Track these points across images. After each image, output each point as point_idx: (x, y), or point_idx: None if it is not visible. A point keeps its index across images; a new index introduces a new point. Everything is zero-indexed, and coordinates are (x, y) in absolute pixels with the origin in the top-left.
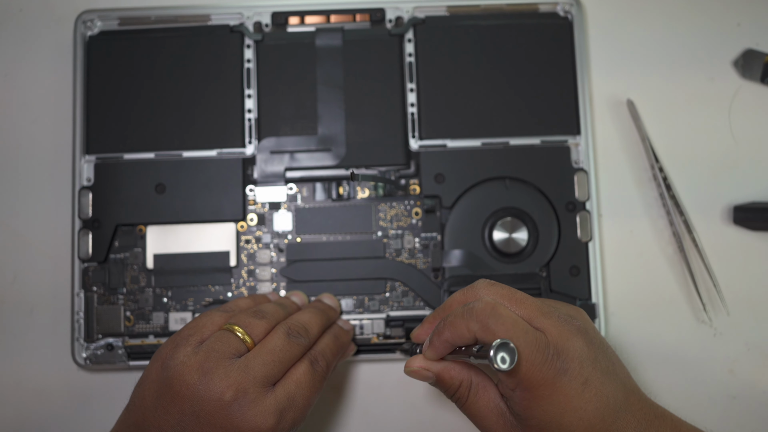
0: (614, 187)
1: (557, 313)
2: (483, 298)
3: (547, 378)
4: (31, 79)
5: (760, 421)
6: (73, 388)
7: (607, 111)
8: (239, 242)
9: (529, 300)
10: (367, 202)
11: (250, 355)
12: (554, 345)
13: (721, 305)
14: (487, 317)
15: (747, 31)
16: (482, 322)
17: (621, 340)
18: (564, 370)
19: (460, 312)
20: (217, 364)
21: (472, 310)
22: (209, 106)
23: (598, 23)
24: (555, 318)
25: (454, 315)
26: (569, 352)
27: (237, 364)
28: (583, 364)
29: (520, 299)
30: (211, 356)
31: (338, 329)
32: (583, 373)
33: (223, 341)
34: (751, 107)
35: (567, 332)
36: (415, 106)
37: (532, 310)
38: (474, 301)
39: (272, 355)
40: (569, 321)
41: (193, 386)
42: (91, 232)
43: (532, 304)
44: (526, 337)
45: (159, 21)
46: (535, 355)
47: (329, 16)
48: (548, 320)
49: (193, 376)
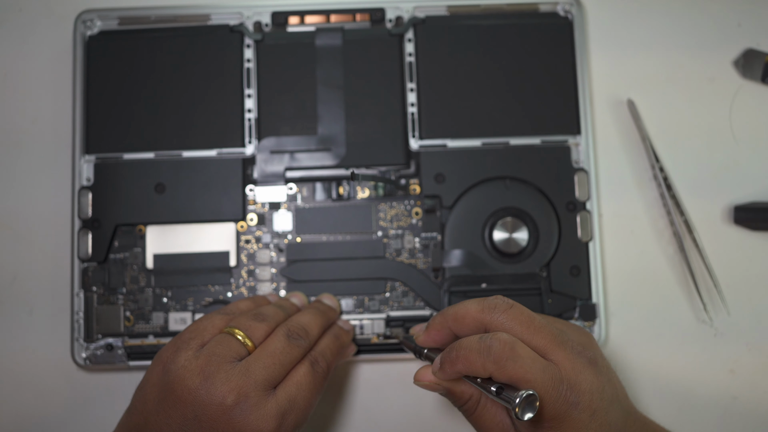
0: (614, 187)
1: (571, 344)
2: (500, 336)
3: (559, 412)
4: (31, 79)
5: (760, 421)
6: (73, 389)
7: (608, 111)
8: (239, 242)
9: (546, 329)
10: (367, 202)
11: (251, 358)
12: (567, 379)
13: (721, 305)
14: (506, 360)
15: (747, 30)
16: (500, 364)
17: (621, 340)
18: (575, 404)
19: (476, 347)
20: (218, 368)
21: (489, 349)
22: (209, 106)
23: (598, 23)
24: (569, 350)
25: (469, 349)
26: (581, 386)
27: (238, 368)
28: (592, 397)
29: (538, 327)
30: (212, 360)
31: (338, 330)
32: (592, 405)
33: (223, 345)
34: (751, 107)
35: (580, 365)
36: (415, 105)
37: (548, 341)
38: (491, 337)
39: (273, 358)
40: (581, 352)
41: (195, 391)
42: (91, 232)
43: (548, 334)
44: (543, 376)
45: (159, 21)
46: (550, 392)
47: (329, 16)
48: (563, 352)
49: (195, 381)
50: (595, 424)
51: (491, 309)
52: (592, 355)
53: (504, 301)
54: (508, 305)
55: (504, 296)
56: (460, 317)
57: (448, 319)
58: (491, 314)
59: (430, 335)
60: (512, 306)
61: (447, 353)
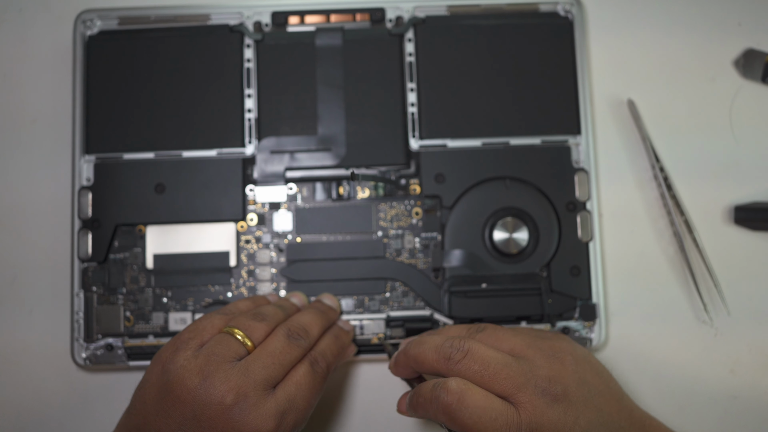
0: (615, 187)
1: (534, 382)
2: (449, 386)
3: None
4: (31, 79)
5: (761, 421)
6: (73, 389)
7: (608, 111)
8: (239, 242)
9: (503, 373)
10: (367, 202)
11: (250, 358)
12: (528, 423)
13: (722, 305)
14: (454, 411)
15: (748, 30)
16: (449, 415)
17: (622, 340)
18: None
19: (428, 397)
20: (217, 367)
21: (437, 399)
22: (209, 106)
23: (598, 23)
24: (531, 391)
25: (424, 398)
26: (544, 427)
27: (237, 368)
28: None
29: (494, 374)
30: (212, 360)
31: (338, 330)
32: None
33: (223, 344)
34: (752, 107)
35: (543, 405)
36: (415, 105)
37: (507, 385)
38: (441, 386)
39: (272, 358)
40: (546, 390)
41: (194, 390)
42: (91, 232)
43: (506, 378)
44: (494, 425)
45: (159, 20)
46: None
47: (329, 16)
48: (524, 395)
49: (194, 380)
50: None
51: (446, 359)
52: (561, 388)
53: (458, 350)
54: (462, 354)
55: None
56: (419, 362)
57: (409, 360)
58: (447, 364)
59: (397, 369)
60: (466, 354)
61: (410, 397)
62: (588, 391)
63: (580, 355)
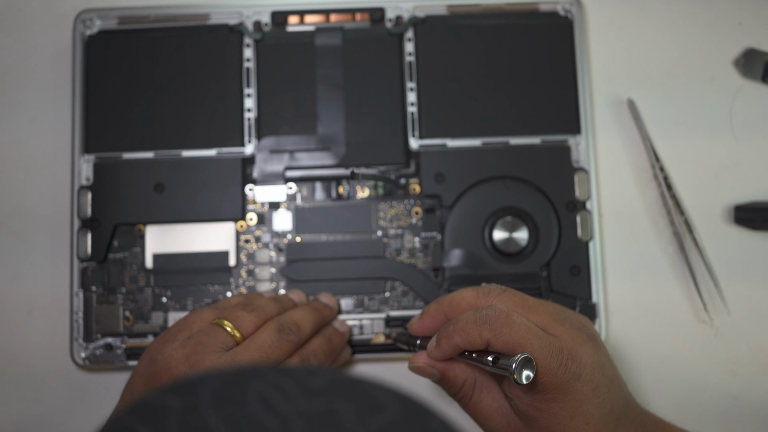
0: (615, 187)
1: (569, 321)
2: (496, 306)
3: (561, 381)
4: (30, 79)
5: (761, 421)
6: (72, 388)
7: (608, 110)
8: (239, 242)
9: (542, 307)
10: (366, 201)
11: (238, 349)
12: (568, 350)
13: (722, 305)
14: (501, 326)
15: (748, 30)
16: (496, 331)
17: (622, 340)
18: (577, 375)
19: (472, 318)
20: (204, 357)
21: (485, 317)
22: (208, 106)
23: (598, 22)
24: (568, 325)
25: (465, 321)
26: (582, 358)
27: (224, 358)
28: (594, 371)
29: (533, 306)
30: (198, 349)
31: (332, 331)
32: (594, 380)
33: (210, 335)
34: (752, 107)
35: (580, 339)
36: (415, 105)
37: (545, 317)
38: (486, 308)
39: (260, 351)
40: (581, 328)
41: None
42: (90, 231)
43: (545, 311)
44: (540, 343)
45: (158, 20)
46: (550, 360)
47: (329, 16)
48: (561, 327)
49: (180, 369)
50: (597, 399)
51: (485, 294)
52: (592, 332)
53: (497, 287)
54: (501, 290)
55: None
56: (455, 303)
57: (443, 306)
58: (486, 298)
59: (425, 322)
60: (505, 290)
61: (443, 329)
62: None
63: None
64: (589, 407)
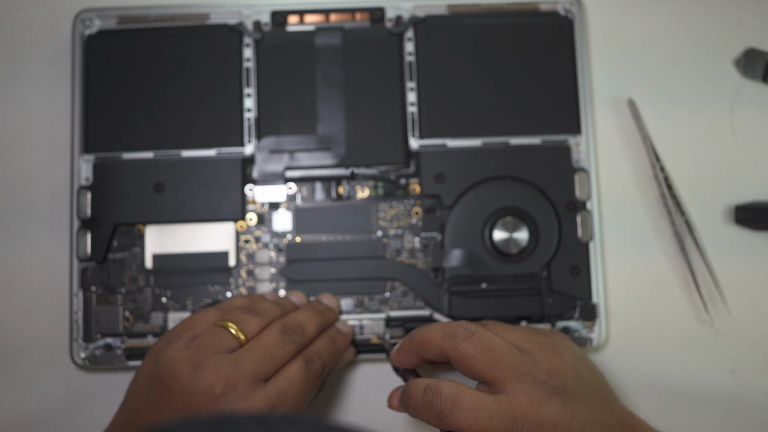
0: (615, 187)
1: (534, 373)
2: (442, 390)
3: None
4: (30, 79)
5: (761, 422)
6: (72, 389)
7: (608, 110)
8: (238, 242)
9: (505, 359)
10: (366, 201)
11: (242, 350)
12: (524, 416)
13: (722, 305)
14: (447, 415)
15: (748, 29)
16: (441, 420)
17: (621, 340)
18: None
19: (420, 401)
20: (208, 358)
21: (431, 404)
22: (208, 106)
23: (598, 22)
24: (530, 382)
25: (416, 401)
26: (542, 419)
27: (228, 359)
28: (556, 428)
29: (497, 358)
30: (202, 351)
31: (335, 332)
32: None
33: (215, 336)
34: (752, 106)
35: (542, 397)
36: (415, 105)
37: (506, 373)
38: (433, 390)
39: (265, 352)
40: (545, 382)
41: (184, 380)
42: (90, 231)
43: (507, 365)
44: (490, 423)
45: (158, 20)
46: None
47: (329, 15)
48: (522, 386)
49: (184, 370)
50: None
51: (452, 337)
52: (559, 382)
53: (465, 329)
54: (468, 333)
55: (469, 322)
56: (423, 343)
57: (414, 343)
58: (452, 342)
59: (400, 357)
60: (473, 334)
61: (402, 394)
62: (584, 387)
63: (577, 352)
64: None
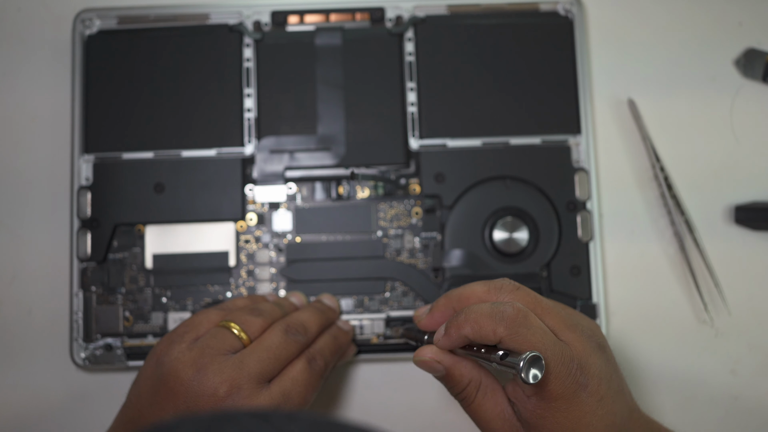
0: (615, 187)
1: (581, 327)
2: (514, 303)
3: (568, 391)
4: (30, 79)
5: (762, 422)
6: (72, 389)
7: (608, 110)
8: (238, 242)
9: (554, 310)
10: (366, 201)
11: (245, 351)
12: (578, 359)
13: (722, 305)
14: (519, 325)
15: (748, 30)
16: (512, 330)
17: (622, 340)
18: (584, 385)
19: (487, 311)
20: (211, 360)
21: (503, 313)
22: (208, 106)
23: (599, 22)
24: (579, 332)
25: (479, 312)
26: (590, 368)
27: (231, 360)
28: (601, 382)
29: (546, 308)
30: (206, 352)
31: (337, 330)
32: (600, 391)
33: (218, 338)
34: (752, 106)
35: (590, 348)
36: (415, 105)
37: (557, 321)
38: (504, 303)
39: (268, 352)
40: (591, 336)
41: (188, 382)
42: (90, 231)
43: (557, 315)
44: (554, 349)
45: (158, 20)
46: (560, 368)
47: (329, 15)
48: (573, 333)
49: (188, 372)
50: (602, 411)
51: (497, 289)
52: (602, 341)
53: (510, 283)
54: (514, 287)
55: (510, 279)
56: (465, 298)
57: (452, 300)
58: (497, 294)
59: (434, 317)
60: (519, 288)
61: (454, 318)
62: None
63: None
64: (592, 419)
